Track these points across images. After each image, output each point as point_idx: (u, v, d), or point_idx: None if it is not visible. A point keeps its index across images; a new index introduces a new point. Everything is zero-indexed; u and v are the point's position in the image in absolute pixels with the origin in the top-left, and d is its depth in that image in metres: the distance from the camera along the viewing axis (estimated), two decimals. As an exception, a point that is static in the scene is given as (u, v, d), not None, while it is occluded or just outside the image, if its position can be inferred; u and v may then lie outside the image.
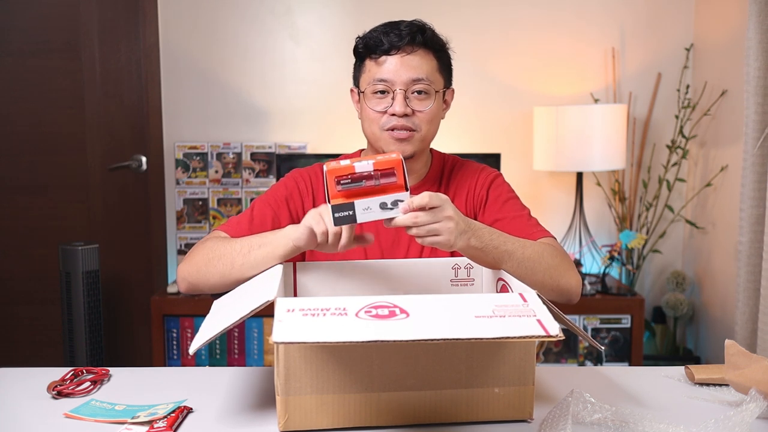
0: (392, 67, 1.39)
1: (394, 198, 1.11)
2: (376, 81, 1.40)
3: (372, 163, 1.10)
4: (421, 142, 1.43)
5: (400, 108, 1.38)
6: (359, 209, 1.10)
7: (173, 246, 2.99)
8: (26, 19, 2.90)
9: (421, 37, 1.40)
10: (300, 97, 3.00)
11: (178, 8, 2.96)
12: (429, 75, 1.40)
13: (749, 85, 2.18)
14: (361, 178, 1.10)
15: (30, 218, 2.97)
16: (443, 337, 0.86)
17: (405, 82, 1.38)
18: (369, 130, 1.44)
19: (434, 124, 1.44)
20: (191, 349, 1.02)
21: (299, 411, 1.03)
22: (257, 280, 1.24)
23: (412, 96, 1.39)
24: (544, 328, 0.89)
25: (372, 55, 1.41)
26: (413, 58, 1.39)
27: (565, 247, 2.93)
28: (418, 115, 1.40)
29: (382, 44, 1.39)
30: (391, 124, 1.39)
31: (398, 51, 1.39)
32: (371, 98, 1.41)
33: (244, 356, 2.75)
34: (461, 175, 1.51)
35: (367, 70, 1.43)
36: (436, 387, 1.05)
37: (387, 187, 1.11)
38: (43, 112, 2.94)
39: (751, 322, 2.24)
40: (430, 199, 1.12)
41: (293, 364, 1.02)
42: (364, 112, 1.44)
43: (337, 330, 0.89)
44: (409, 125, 1.39)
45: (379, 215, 1.11)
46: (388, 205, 1.10)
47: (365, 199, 1.10)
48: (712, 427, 0.99)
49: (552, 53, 3.00)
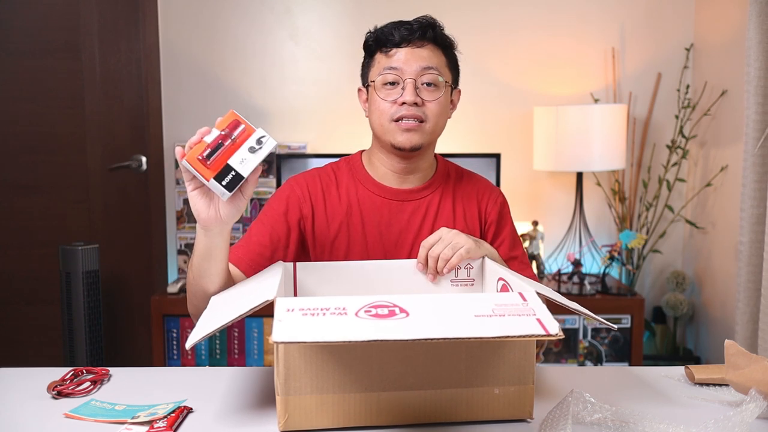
0: (402, 57, 1.40)
1: (255, 138, 1.16)
2: (386, 69, 1.40)
3: (215, 128, 1.16)
4: (430, 135, 1.42)
5: (411, 96, 1.38)
6: (236, 165, 1.15)
7: (173, 246, 2.99)
8: (26, 19, 2.90)
9: (432, 33, 1.41)
10: (300, 97, 3.00)
11: (178, 8, 2.96)
12: (438, 66, 1.41)
13: (750, 86, 2.18)
14: (217, 143, 1.15)
15: (30, 218, 2.97)
16: (443, 336, 0.86)
17: (415, 71, 1.39)
18: (377, 122, 1.43)
19: (442, 118, 1.44)
20: (188, 343, 1.02)
21: (299, 411, 1.03)
22: (256, 279, 1.24)
23: (422, 87, 1.40)
24: (544, 327, 0.89)
25: (383, 48, 1.42)
26: (423, 50, 1.40)
27: (565, 247, 2.94)
28: (428, 105, 1.40)
29: (393, 37, 1.40)
30: (400, 113, 1.39)
31: (408, 44, 1.40)
32: (381, 89, 1.41)
33: (244, 356, 2.75)
34: (470, 186, 1.53)
35: (377, 62, 1.43)
36: (435, 386, 1.05)
37: (243, 136, 1.16)
38: (43, 112, 2.94)
39: (752, 322, 2.24)
40: (434, 235, 1.30)
41: (293, 363, 1.02)
42: (373, 104, 1.43)
43: (336, 329, 0.89)
44: (418, 114, 1.39)
45: (255, 159, 1.16)
46: (256, 147, 1.16)
47: (235, 155, 1.15)
48: (712, 427, 0.99)
49: (552, 53, 3.00)
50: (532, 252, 2.83)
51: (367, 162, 1.51)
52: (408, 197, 1.48)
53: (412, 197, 1.48)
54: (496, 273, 1.27)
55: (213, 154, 1.14)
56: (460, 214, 1.49)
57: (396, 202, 1.47)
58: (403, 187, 1.48)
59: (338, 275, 1.33)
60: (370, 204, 1.46)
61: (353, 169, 1.51)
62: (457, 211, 1.49)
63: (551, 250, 2.99)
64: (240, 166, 1.15)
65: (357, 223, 1.45)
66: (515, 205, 3.02)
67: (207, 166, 1.14)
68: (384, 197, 1.47)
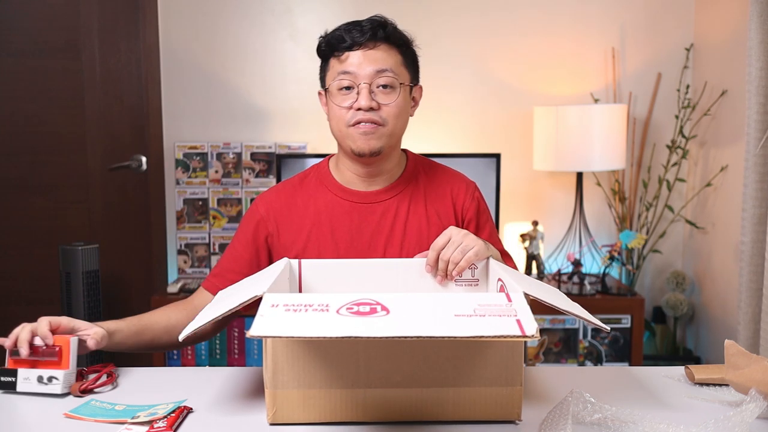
0: (356, 60, 1.38)
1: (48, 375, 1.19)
2: (340, 75, 1.38)
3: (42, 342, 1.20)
4: (389, 138, 1.40)
5: (366, 102, 1.36)
6: (20, 378, 1.20)
7: (173, 246, 2.99)
8: (26, 19, 2.90)
9: (383, 32, 1.39)
10: (300, 97, 3.00)
11: (178, 8, 2.96)
12: (393, 67, 1.39)
13: (751, 86, 2.18)
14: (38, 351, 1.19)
15: (30, 218, 2.97)
16: (417, 334, 0.86)
17: (369, 75, 1.37)
18: (336, 128, 1.42)
19: (402, 119, 1.42)
20: (181, 336, 1.04)
21: (286, 404, 1.05)
22: (259, 274, 1.25)
23: (378, 90, 1.38)
24: (522, 328, 0.89)
25: (335, 53, 1.40)
26: (376, 52, 1.38)
27: (565, 247, 2.94)
28: (384, 109, 1.38)
29: (344, 41, 1.39)
30: (356, 118, 1.37)
31: (360, 47, 1.38)
32: (336, 95, 1.40)
33: (244, 356, 2.75)
34: (443, 182, 1.51)
35: (331, 67, 1.42)
36: (422, 385, 1.05)
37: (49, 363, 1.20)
38: (43, 112, 2.94)
39: (754, 322, 2.24)
40: (443, 237, 1.28)
41: (280, 358, 1.03)
42: (330, 110, 1.42)
43: (313, 325, 0.90)
44: (375, 119, 1.37)
45: (36, 389, 1.19)
46: (45, 381, 1.19)
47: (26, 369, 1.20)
48: (712, 427, 0.99)
49: (552, 53, 3.00)
50: (532, 252, 2.83)
51: (334, 167, 1.50)
52: (376, 199, 1.46)
53: (379, 198, 1.46)
54: (496, 274, 1.27)
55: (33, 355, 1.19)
56: (433, 213, 1.47)
57: (364, 204, 1.46)
58: (370, 189, 1.47)
59: (343, 273, 1.32)
60: (339, 209, 1.45)
61: (321, 175, 1.50)
62: (429, 210, 1.47)
63: (551, 250, 2.99)
64: (22, 382, 1.19)
65: (326, 231, 1.44)
66: (515, 205, 3.04)
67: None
68: (352, 201, 1.46)
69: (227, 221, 2.93)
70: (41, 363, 1.19)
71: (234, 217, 2.93)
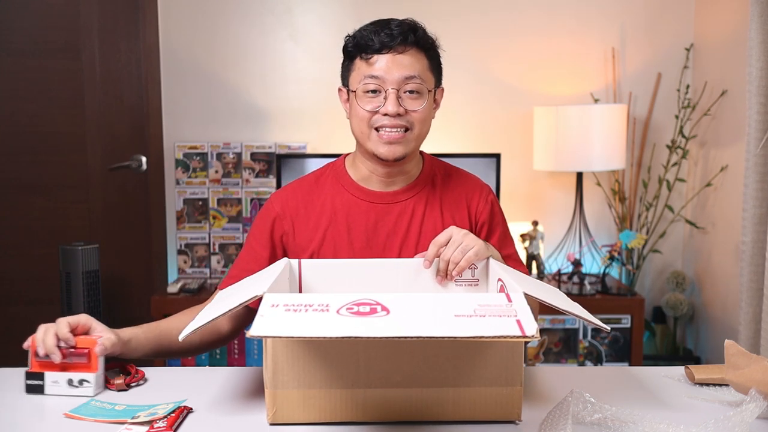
0: (384, 65, 1.36)
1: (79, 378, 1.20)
2: (367, 78, 1.36)
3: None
4: (414, 142, 1.41)
5: (393, 108, 1.35)
6: (48, 381, 1.20)
7: (173, 246, 2.99)
8: (26, 19, 2.90)
9: (413, 37, 1.37)
10: (300, 97, 3.00)
11: (178, 8, 2.96)
12: (421, 73, 1.38)
13: (752, 86, 2.18)
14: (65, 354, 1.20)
15: (30, 218, 2.97)
16: (417, 335, 0.86)
17: (397, 80, 1.36)
18: (358, 128, 1.41)
19: (427, 124, 1.42)
20: (180, 336, 1.04)
21: (286, 404, 1.05)
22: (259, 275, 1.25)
23: (405, 95, 1.37)
24: (521, 329, 0.89)
25: (363, 54, 1.38)
26: (405, 57, 1.36)
27: (565, 247, 2.94)
28: (412, 115, 1.38)
29: (373, 43, 1.36)
30: (381, 122, 1.37)
31: (390, 50, 1.36)
32: (362, 97, 1.38)
33: (244, 356, 2.75)
34: (458, 185, 1.51)
35: (356, 68, 1.40)
36: (422, 385, 1.05)
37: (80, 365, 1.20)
38: (43, 112, 2.94)
39: (755, 322, 2.24)
40: (444, 235, 1.28)
41: (280, 358, 1.04)
42: (353, 110, 1.41)
43: (313, 325, 0.90)
44: (402, 123, 1.37)
45: (67, 391, 1.19)
46: (75, 384, 1.19)
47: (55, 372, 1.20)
48: (712, 427, 0.99)
49: (552, 53, 3.00)
50: (532, 252, 2.83)
51: (351, 166, 1.49)
52: (393, 199, 1.46)
53: (397, 199, 1.46)
54: (496, 274, 1.27)
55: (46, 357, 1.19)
56: (449, 216, 1.47)
57: (381, 205, 1.45)
58: (388, 189, 1.46)
59: (343, 273, 1.32)
60: (356, 209, 1.45)
61: (337, 174, 1.49)
62: (444, 212, 1.47)
63: (551, 250, 2.99)
64: (51, 385, 1.19)
65: (342, 230, 1.43)
66: (515, 205, 3.04)
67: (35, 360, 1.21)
68: (369, 201, 1.45)
69: (227, 221, 2.93)
70: (69, 365, 1.19)
71: (234, 217, 2.93)
